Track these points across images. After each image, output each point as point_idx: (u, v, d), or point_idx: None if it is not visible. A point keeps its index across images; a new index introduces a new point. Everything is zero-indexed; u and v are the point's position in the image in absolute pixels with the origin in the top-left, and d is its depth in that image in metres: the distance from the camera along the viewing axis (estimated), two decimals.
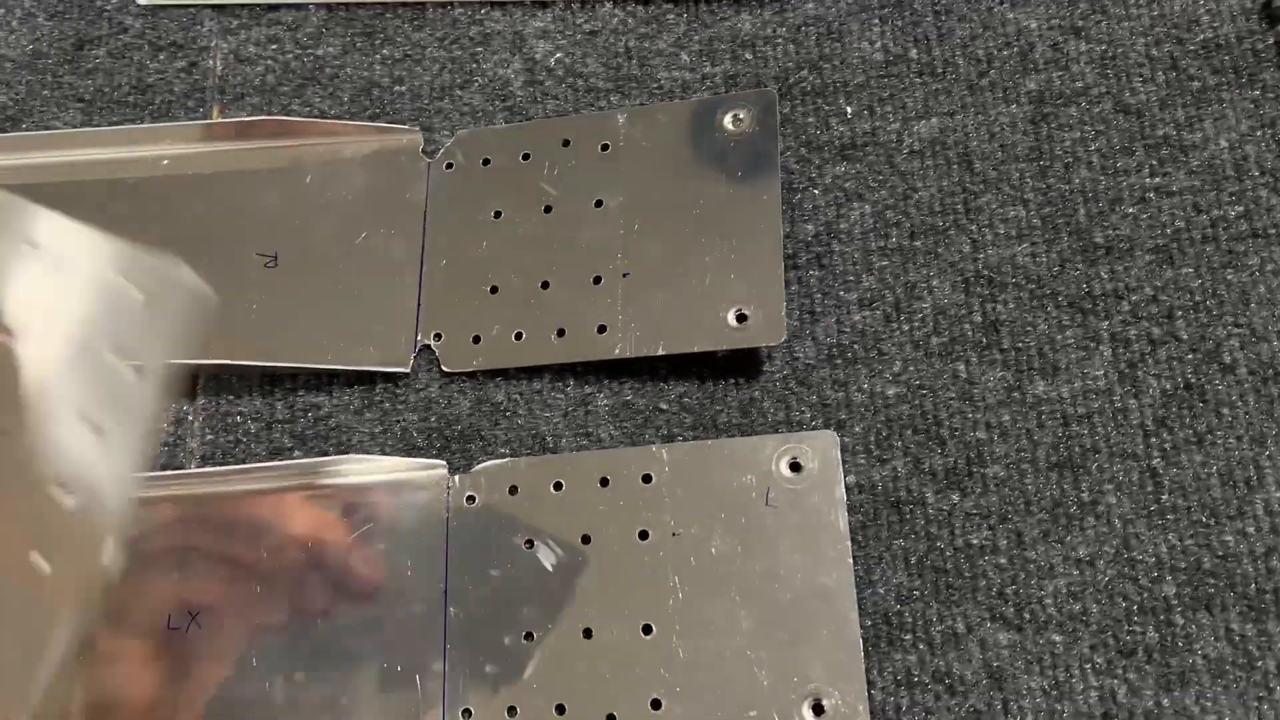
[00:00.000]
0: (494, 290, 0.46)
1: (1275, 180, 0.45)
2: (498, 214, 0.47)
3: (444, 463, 0.44)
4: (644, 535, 0.41)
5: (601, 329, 0.45)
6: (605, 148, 0.47)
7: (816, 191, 0.47)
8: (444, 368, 0.46)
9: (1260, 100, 0.46)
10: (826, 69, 0.48)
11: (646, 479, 0.42)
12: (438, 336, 0.46)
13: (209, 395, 0.47)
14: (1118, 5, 0.48)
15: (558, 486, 0.43)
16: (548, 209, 0.47)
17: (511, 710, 0.40)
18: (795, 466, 0.42)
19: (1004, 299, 0.44)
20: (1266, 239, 0.44)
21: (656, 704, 0.40)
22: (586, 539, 0.42)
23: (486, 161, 0.49)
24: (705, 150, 0.46)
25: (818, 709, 0.39)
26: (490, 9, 0.52)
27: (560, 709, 0.40)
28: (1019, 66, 0.48)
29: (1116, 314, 0.44)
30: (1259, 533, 0.40)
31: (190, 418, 0.46)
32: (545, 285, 0.46)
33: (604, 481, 0.42)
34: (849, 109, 0.48)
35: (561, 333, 0.45)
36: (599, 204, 0.47)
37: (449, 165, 0.49)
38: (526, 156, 0.48)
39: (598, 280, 0.45)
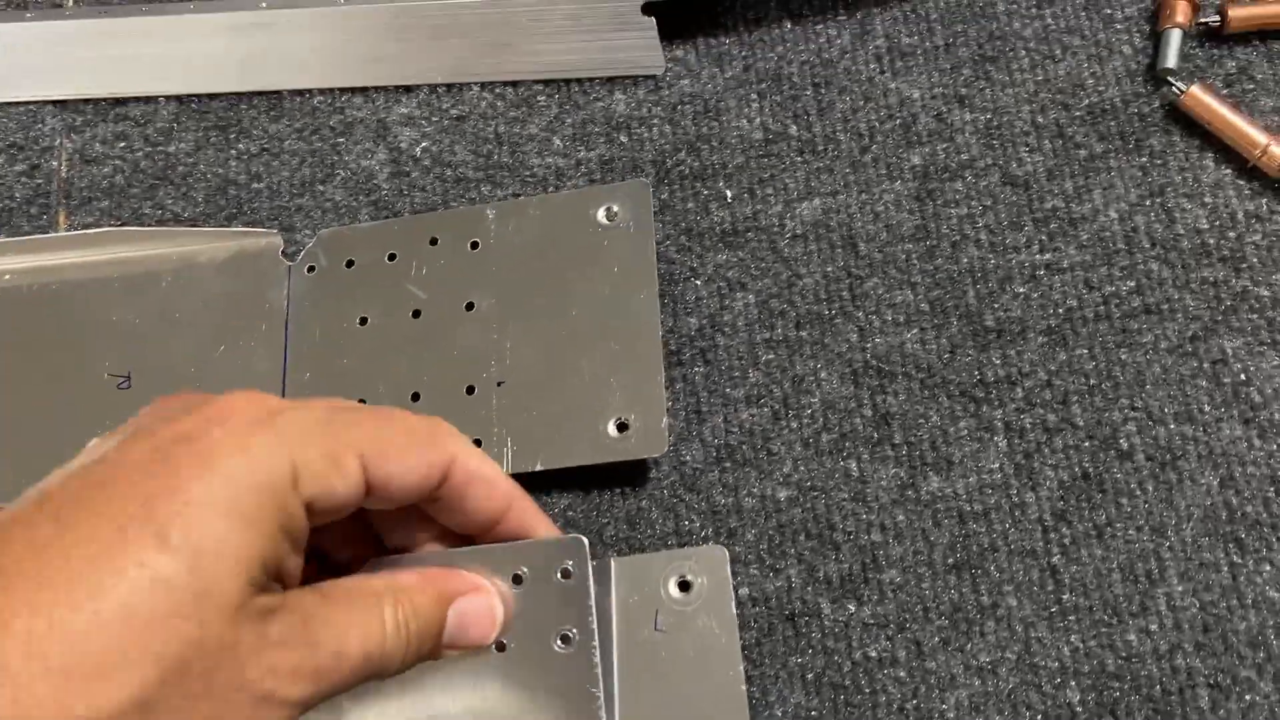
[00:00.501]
0: (361, 403, 0.44)
1: (1165, 252, 0.43)
2: (364, 320, 0.45)
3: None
4: None
5: (477, 443, 0.42)
6: (475, 245, 0.45)
7: (699, 282, 0.45)
8: None
9: (1148, 167, 0.44)
10: (704, 150, 0.46)
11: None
12: None
13: None
14: (1001, 71, 0.46)
15: None
16: (416, 313, 0.45)
17: None
18: (684, 585, 0.40)
19: (894, 389, 0.43)
20: (1160, 315, 0.42)
21: None
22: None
23: (350, 263, 0.46)
24: (579, 247, 0.44)
25: None
26: (351, 95, 0.49)
27: None
28: (902, 140, 0.46)
29: (1010, 401, 0.42)
30: (1162, 629, 0.39)
31: None
32: (416, 397, 0.43)
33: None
34: (729, 193, 0.46)
35: None
36: (470, 306, 0.44)
37: (310, 268, 0.46)
38: (393, 257, 0.46)
39: (471, 390, 0.43)
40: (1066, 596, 0.40)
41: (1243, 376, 0.41)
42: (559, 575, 0.37)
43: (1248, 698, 0.38)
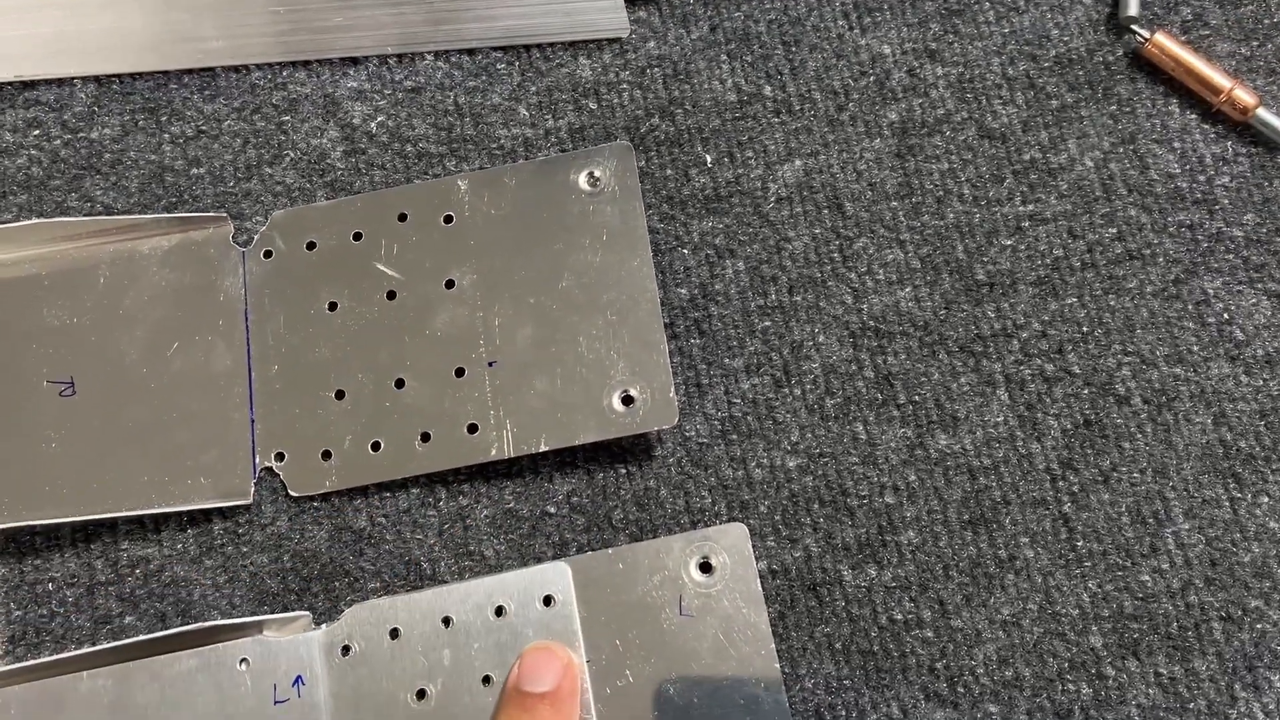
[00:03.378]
0: (340, 395, 0.41)
1: (1142, 197, 0.44)
2: (333, 305, 0.42)
3: (306, 612, 0.38)
4: None
5: (472, 428, 0.40)
6: (449, 219, 0.42)
7: (686, 251, 0.43)
8: (292, 492, 0.40)
9: (1118, 115, 0.45)
10: (679, 114, 0.45)
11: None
12: (280, 457, 0.40)
13: (8, 562, 0.39)
14: (969, 24, 0.46)
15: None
16: (391, 295, 0.42)
17: None
18: (705, 567, 0.38)
19: (894, 349, 0.42)
20: (1142, 260, 0.43)
21: None
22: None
23: (311, 245, 0.43)
24: (562, 215, 0.42)
25: None
26: (293, 69, 0.45)
27: None
28: (877, 96, 0.45)
29: (1008, 354, 0.42)
30: (1173, 568, 0.40)
31: None
32: (400, 384, 0.41)
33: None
34: (708, 157, 0.44)
35: (426, 437, 0.40)
36: (450, 284, 0.42)
37: (267, 253, 0.43)
38: (358, 236, 0.43)
39: (460, 372, 0.40)
40: (1080, 543, 0.40)
41: (1225, 315, 0.42)
42: (540, 604, 0.37)
43: (1258, 627, 0.39)
